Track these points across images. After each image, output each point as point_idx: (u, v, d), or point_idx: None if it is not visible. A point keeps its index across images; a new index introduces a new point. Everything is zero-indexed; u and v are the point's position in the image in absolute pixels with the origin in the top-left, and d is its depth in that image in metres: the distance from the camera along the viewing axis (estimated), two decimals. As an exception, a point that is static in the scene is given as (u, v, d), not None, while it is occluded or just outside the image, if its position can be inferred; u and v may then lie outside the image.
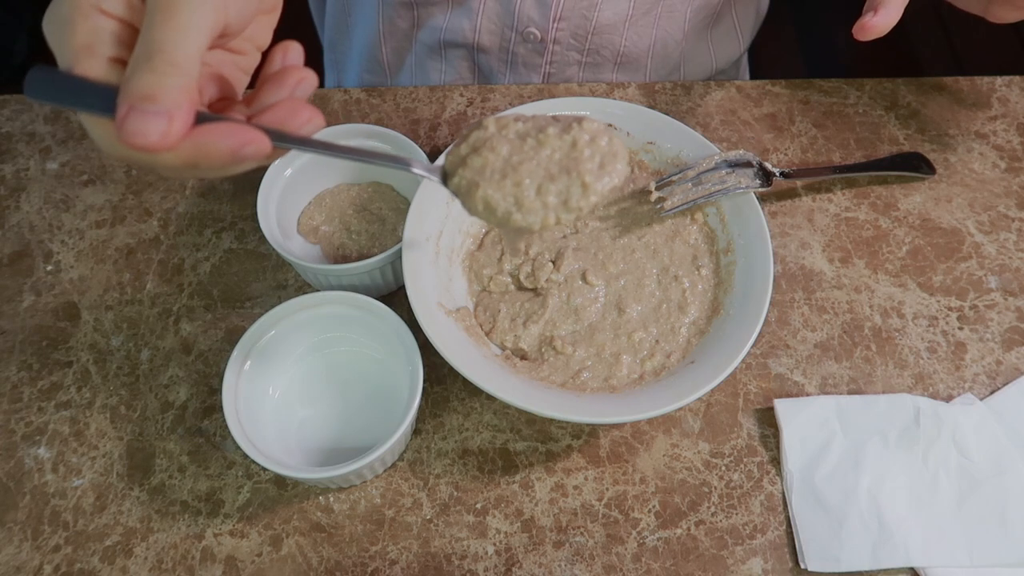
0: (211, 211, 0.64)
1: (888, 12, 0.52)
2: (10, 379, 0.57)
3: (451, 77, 0.79)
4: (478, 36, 0.74)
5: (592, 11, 0.71)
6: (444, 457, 0.54)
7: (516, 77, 0.77)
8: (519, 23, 0.72)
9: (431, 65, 0.78)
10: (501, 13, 0.72)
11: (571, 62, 0.75)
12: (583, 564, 0.50)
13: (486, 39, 0.74)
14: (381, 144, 0.61)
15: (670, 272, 0.56)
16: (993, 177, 0.66)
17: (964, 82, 0.72)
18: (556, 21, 0.72)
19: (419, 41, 0.77)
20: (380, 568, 0.50)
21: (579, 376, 0.53)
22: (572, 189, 0.39)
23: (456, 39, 0.75)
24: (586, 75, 0.77)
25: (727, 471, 0.53)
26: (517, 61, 0.75)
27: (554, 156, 0.40)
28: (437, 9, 0.74)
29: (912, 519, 0.50)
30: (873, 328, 0.59)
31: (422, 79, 0.80)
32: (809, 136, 0.68)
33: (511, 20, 0.72)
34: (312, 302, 0.53)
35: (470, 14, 0.73)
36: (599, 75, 0.77)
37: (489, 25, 0.73)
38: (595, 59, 0.75)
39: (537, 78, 0.77)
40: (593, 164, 0.39)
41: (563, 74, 0.77)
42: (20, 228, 0.63)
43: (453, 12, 0.73)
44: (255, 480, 0.53)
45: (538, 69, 0.76)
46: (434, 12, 0.74)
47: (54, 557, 0.50)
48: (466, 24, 0.73)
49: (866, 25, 0.52)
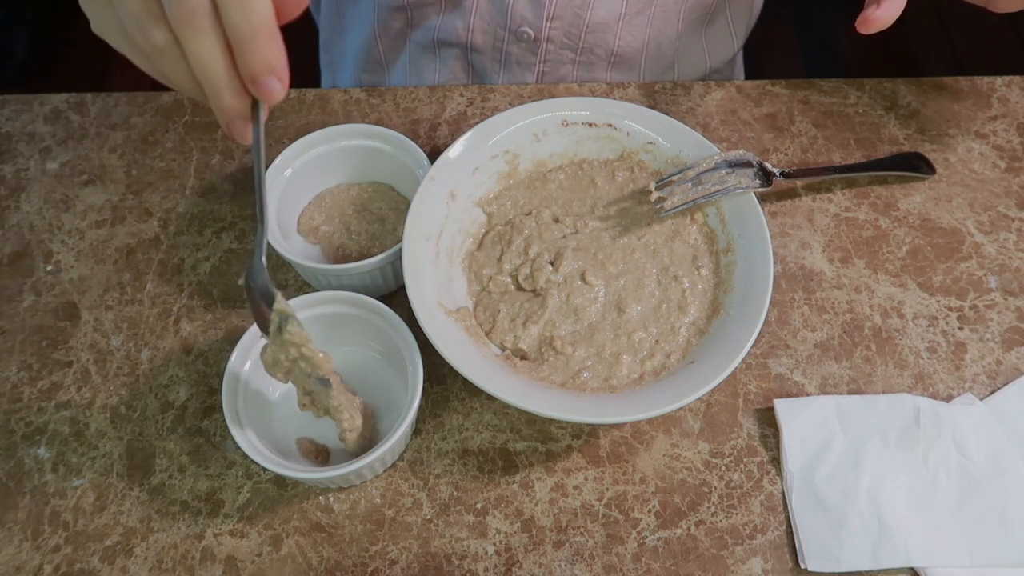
0: (211, 211, 0.64)
1: (891, 5, 0.52)
2: (10, 379, 0.57)
3: (445, 76, 0.79)
4: (471, 35, 0.74)
5: (585, 10, 0.71)
6: (444, 457, 0.54)
7: (510, 76, 0.77)
8: (512, 22, 0.72)
9: (425, 64, 0.79)
10: (494, 13, 0.72)
11: (565, 61, 0.76)
12: (583, 564, 0.50)
13: (479, 38, 0.74)
14: (381, 144, 0.61)
15: (670, 272, 0.56)
16: (993, 177, 0.66)
17: (964, 82, 0.72)
18: (549, 20, 0.72)
19: (413, 41, 0.78)
20: (380, 568, 0.50)
21: (579, 376, 0.53)
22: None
23: (450, 38, 0.75)
24: (580, 74, 0.77)
25: (727, 471, 0.53)
26: (511, 60, 0.75)
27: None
28: (431, 10, 0.74)
29: (912, 519, 0.50)
30: (873, 328, 0.59)
31: (416, 78, 0.80)
32: (809, 136, 0.68)
33: (504, 20, 0.72)
34: (312, 302, 0.53)
35: (463, 14, 0.73)
36: (593, 74, 0.77)
37: (482, 24, 0.73)
38: (589, 58, 0.76)
39: (531, 77, 0.77)
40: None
41: (557, 73, 0.77)
42: (20, 228, 0.63)
43: (446, 13, 0.73)
44: (255, 480, 0.53)
45: (532, 68, 0.76)
46: (428, 13, 0.74)
47: (54, 557, 0.50)
48: (459, 24, 0.73)
49: (869, 18, 0.52)
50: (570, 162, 0.61)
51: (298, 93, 0.70)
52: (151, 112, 0.69)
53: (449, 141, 0.60)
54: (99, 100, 0.70)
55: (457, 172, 0.58)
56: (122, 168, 0.66)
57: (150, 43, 0.38)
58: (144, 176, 0.66)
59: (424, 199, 0.56)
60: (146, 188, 0.65)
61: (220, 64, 0.38)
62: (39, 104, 0.70)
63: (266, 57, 0.37)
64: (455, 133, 0.68)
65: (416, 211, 0.55)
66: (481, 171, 0.59)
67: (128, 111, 0.69)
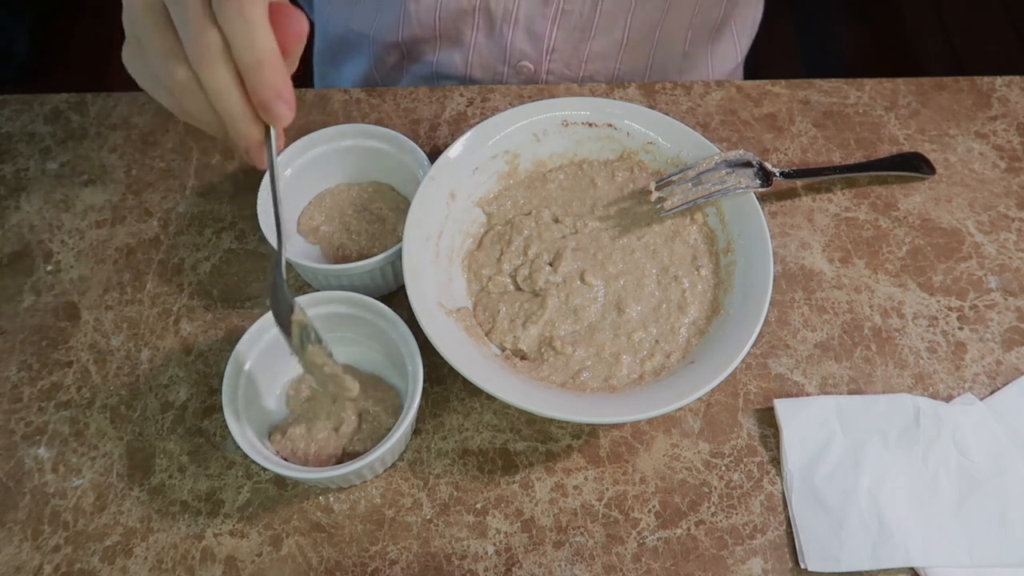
0: (211, 211, 0.64)
1: None
2: (10, 379, 0.57)
3: None
4: (470, 70, 0.74)
5: (584, 43, 0.71)
6: (444, 457, 0.54)
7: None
8: (511, 57, 0.72)
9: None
10: (492, 48, 0.72)
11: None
12: (583, 564, 0.50)
13: (478, 72, 0.74)
14: (381, 144, 0.61)
15: (670, 272, 0.56)
16: (993, 177, 0.66)
17: (964, 82, 0.72)
18: (549, 53, 0.72)
19: (411, 72, 0.78)
20: (380, 568, 0.50)
21: (579, 376, 0.53)
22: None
23: (448, 72, 0.75)
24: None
25: (727, 471, 0.53)
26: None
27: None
28: (427, 47, 0.74)
29: (912, 519, 0.50)
30: (873, 328, 0.59)
31: None
32: (809, 136, 0.68)
33: (503, 55, 0.72)
34: (312, 302, 0.53)
35: (462, 49, 0.73)
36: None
37: (480, 60, 0.73)
38: (589, 84, 0.75)
39: None
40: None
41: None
42: (20, 228, 0.63)
43: (443, 49, 0.73)
44: (255, 480, 0.53)
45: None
46: (424, 49, 0.74)
47: (54, 557, 0.50)
48: (457, 59, 0.74)
49: None
50: (570, 162, 0.61)
51: (298, 93, 0.70)
52: (151, 112, 0.69)
53: (449, 141, 0.60)
54: (99, 100, 0.70)
55: (457, 172, 0.58)
56: (122, 168, 0.66)
57: (173, 80, 0.42)
58: (144, 176, 0.66)
59: (424, 199, 0.56)
60: (146, 188, 0.65)
61: (234, 94, 0.42)
62: (39, 104, 0.70)
63: (273, 83, 0.41)
64: (455, 133, 0.68)
65: (416, 211, 0.55)
66: (481, 171, 0.59)
67: (128, 111, 0.69)
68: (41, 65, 1.75)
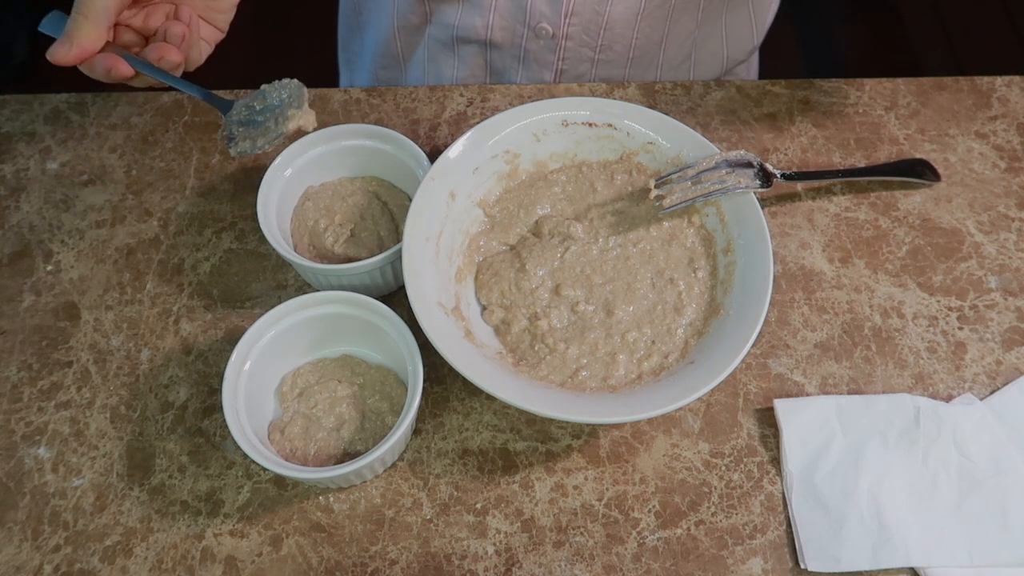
0: (211, 211, 0.64)
1: None
2: (10, 379, 0.57)
3: (463, 73, 0.79)
4: (490, 32, 0.74)
5: (604, 6, 0.71)
6: (444, 457, 0.54)
7: (529, 74, 0.77)
8: (531, 18, 0.72)
9: (444, 61, 0.78)
10: (512, 8, 0.72)
11: (583, 59, 0.75)
12: (583, 564, 0.50)
13: (498, 35, 0.74)
14: (381, 144, 0.61)
15: (665, 275, 0.56)
16: (993, 177, 0.66)
17: (964, 82, 0.72)
18: (568, 16, 0.72)
19: (431, 37, 0.77)
20: (380, 568, 0.50)
21: (577, 375, 0.53)
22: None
23: (469, 35, 0.75)
24: (599, 72, 0.77)
25: (727, 471, 0.53)
26: (529, 58, 0.75)
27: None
28: (448, 5, 0.74)
29: (912, 519, 0.50)
30: (873, 328, 0.59)
31: (435, 75, 0.80)
32: (809, 136, 0.68)
33: (523, 15, 0.72)
34: (312, 302, 0.53)
35: (482, 10, 0.73)
36: (611, 72, 0.77)
37: (501, 21, 0.73)
38: (607, 55, 0.75)
39: (549, 75, 0.77)
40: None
41: (575, 71, 0.77)
42: (20, 228, 0.63)
43: (465, 8, 0.73)
44: (255, 480, 0.53)
45: (551, 66, 0.76)
46: (445, 8, 0.74)
47: (54, 557, 0.50)
48: (478, 20, 0.73)
49: None
50: (570, 164, 0.61)
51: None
52: (151, 112, 0.69)
53: (449, 141, 0.60)
54: (99, 100, 0.70)
55: (457, 172, 0.58)
56: (122, 168, 0.66)
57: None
58: (144, 176, 0.66)
59: (424, 199, 0.56)
60: (146, 188, 0.65)
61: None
62: (39, 104, 0.70)
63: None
64: (455, 133, 0.68)
65: (416, 211, 0.55)
66: (481, 171, 0.59)
67: (128, 111, 0.69)
68: (41, 65, 1.75)
